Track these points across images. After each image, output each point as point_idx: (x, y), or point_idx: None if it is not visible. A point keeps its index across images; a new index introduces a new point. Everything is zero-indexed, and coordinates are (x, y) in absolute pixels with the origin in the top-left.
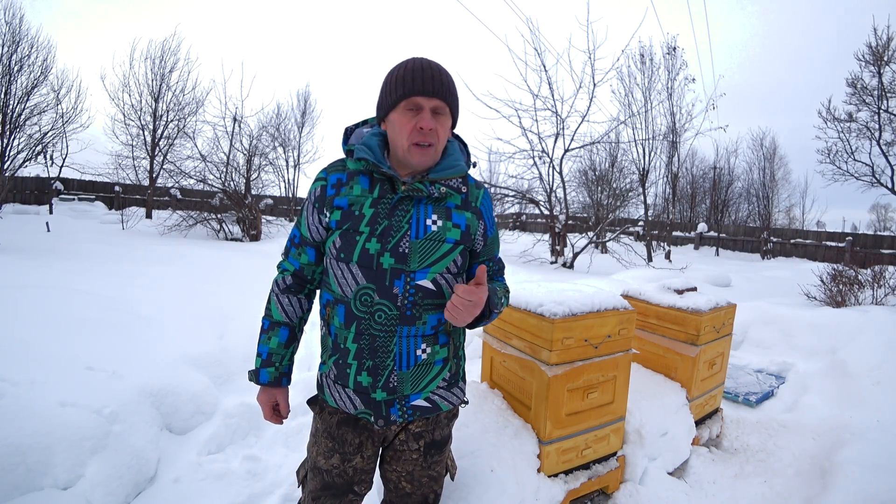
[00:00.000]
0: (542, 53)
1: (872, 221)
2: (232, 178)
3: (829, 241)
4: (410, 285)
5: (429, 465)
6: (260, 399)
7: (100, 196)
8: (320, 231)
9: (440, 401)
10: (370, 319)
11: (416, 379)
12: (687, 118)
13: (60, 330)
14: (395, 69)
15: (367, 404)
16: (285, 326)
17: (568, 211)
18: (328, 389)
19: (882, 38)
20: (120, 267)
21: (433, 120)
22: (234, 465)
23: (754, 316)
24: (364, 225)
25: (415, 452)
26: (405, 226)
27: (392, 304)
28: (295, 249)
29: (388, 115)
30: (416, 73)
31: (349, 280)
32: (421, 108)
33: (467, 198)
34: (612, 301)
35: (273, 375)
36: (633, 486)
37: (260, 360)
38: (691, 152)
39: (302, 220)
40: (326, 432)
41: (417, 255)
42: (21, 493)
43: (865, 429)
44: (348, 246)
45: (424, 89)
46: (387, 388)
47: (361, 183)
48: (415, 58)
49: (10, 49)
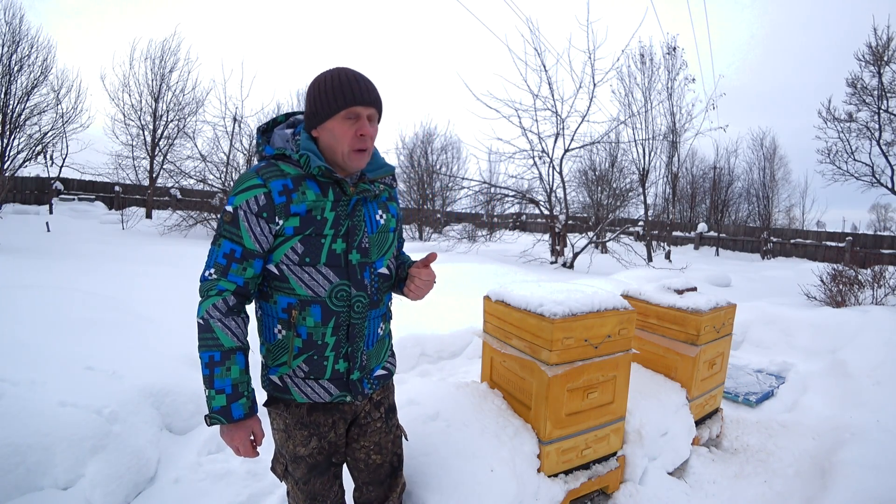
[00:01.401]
0: (542, 53)
1: (872, 221)
2: (232, 178)
3: (829, 241)
4: (374, 274)
5: (389, 428)
6: (236, 438)
7: (100, 196)
8: (269, 240)
9: (391, 367)
10: (349, 311)
11: (378, 353)
12: (687, 118)
13: (60, 330)
14: (329, 80)
15: (342, 388)
16: (240, 351)
17: (568, 211)
18: (296, 388)
19: (882, 38)
20: (120, 267)
21: (369, 126)
22: (234, 465)
23: (754, 316)
24: (328, 228)
25: (378, 421)
26: (363, 224)
27: (365, 293)
28: (237, 265)
29: (323, 123)
30: (353, 85)
31: (320, 281)
32: (360, 116)
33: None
34: (612, 301)
35: (246, 407)
36: (633, 486)
37: (225, 396)
38: (691, 152)
39: (243, 233)
40: (298, 423)
41: (375, 247)
42: (21, 493)
43: (865, 429)
44: (313, 250)
45: (363, 99)
46: (360, 368)
47: (312, 188)
48: (344, 69)
49: (10, 49)
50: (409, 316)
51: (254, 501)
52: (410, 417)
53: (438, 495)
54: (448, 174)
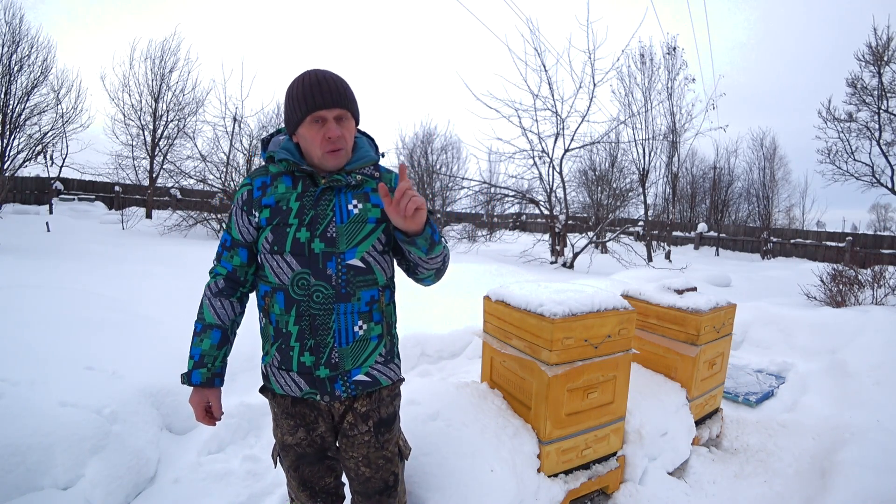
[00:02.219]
0: (542, 53)
1: (872, 221)
2: (232, 178)
3: (829, 241)
4: (342, 265)
5: (381, 444)
6: (192, 401)
7: (100, 196)
8: (251, 231)
9: (379, 375)
10: (308, 300)
11: (355, 354)
12: (687, 118)
13: (60, 330)
14: (293, 86)
15: (311, 384)
16: (217, 328)
17: (568, 211)
18: (273, 377)
19: (882, 38)
20: (120, 267)
21: (338, 127)
22: (234, 465)
23: (754, 316)
24: (293, 217)
25: (366, 434)
26: (330, 213)
27: (327, 283)
28: (227, 253)
29: (296, 130)
30: (314, 89)
31: (284, 269)
32: (325, 119)
33: (381, 181)
34: (612, 301)
35: (205, 376)
36: (633, 486)
37: (192, 361)
38: (691, 152)
39: (232, 224)
40: (284, 413)
41: (345, 237)
42: (21, 493)
43: (865, 429)
44: (280, 238)
45: (325, 102)
46: (329, 365)
47: (285, 181)
48: (309, 72)
49: (10, 49)
50: (409, 316)
51: (254, 501)
52: (410, 417)
53: (438, 495)
54: (448, 174)
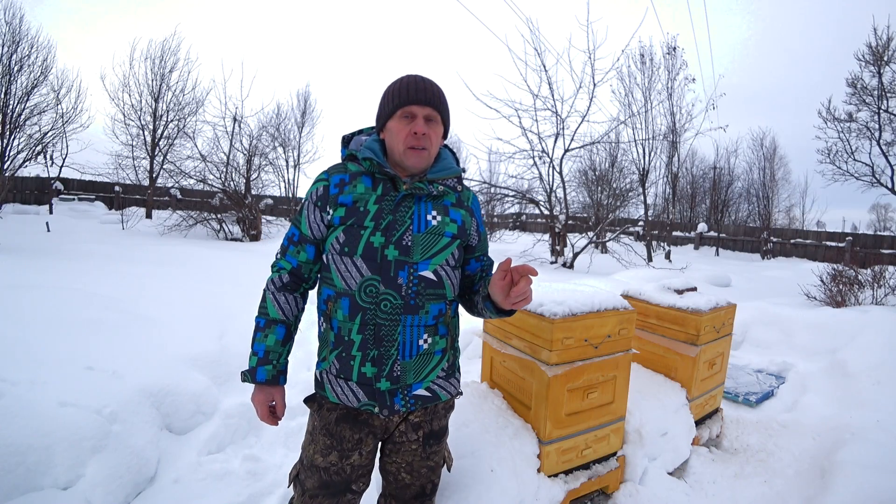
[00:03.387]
0: (542, 53)
1: (872, 221)
2: (232, 178)
3: (829, 241)
4: (413, 276)
5: (427, 455)
6: (256, 399)
7: (100, 196)
8: (321, 229)
9: (439, 390)
10: (376, 309)
11: (418, 368)
12: (687, 118)
13: (60, 330)
14: (392, 84)
15: (370, 395)
16: (282, 324)
17: (568, 211)
18: (329, 385)
19: (882, 38)
20: (120, 267)
21: (426, 126)
22: (234, 465)
23: (754, 316)
24: (369, 220)
25: (414, 443)
26: (408, 220)
27: (397, 293)
28: (294, 247)
29: (386, 124)
30: (410, 86)
31: (353, 273)
32: (415, 115)
33: (461, 197)
34: (612, 301)
35: (271, 373)
36: (633, 486)
37: (256, 358)
38: (691, 152)
39: (302, 218)
40: (324, 429)
41: (420, 247)
42: (21, 493)
43: (865, 429)
44: (353, 240)
45: (418, 99)
46: (391, 378)
47: (364, 182)
48: (410, 74)
49: (10, 49)
50: None
51: (254, 501)
52: None
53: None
54: None
